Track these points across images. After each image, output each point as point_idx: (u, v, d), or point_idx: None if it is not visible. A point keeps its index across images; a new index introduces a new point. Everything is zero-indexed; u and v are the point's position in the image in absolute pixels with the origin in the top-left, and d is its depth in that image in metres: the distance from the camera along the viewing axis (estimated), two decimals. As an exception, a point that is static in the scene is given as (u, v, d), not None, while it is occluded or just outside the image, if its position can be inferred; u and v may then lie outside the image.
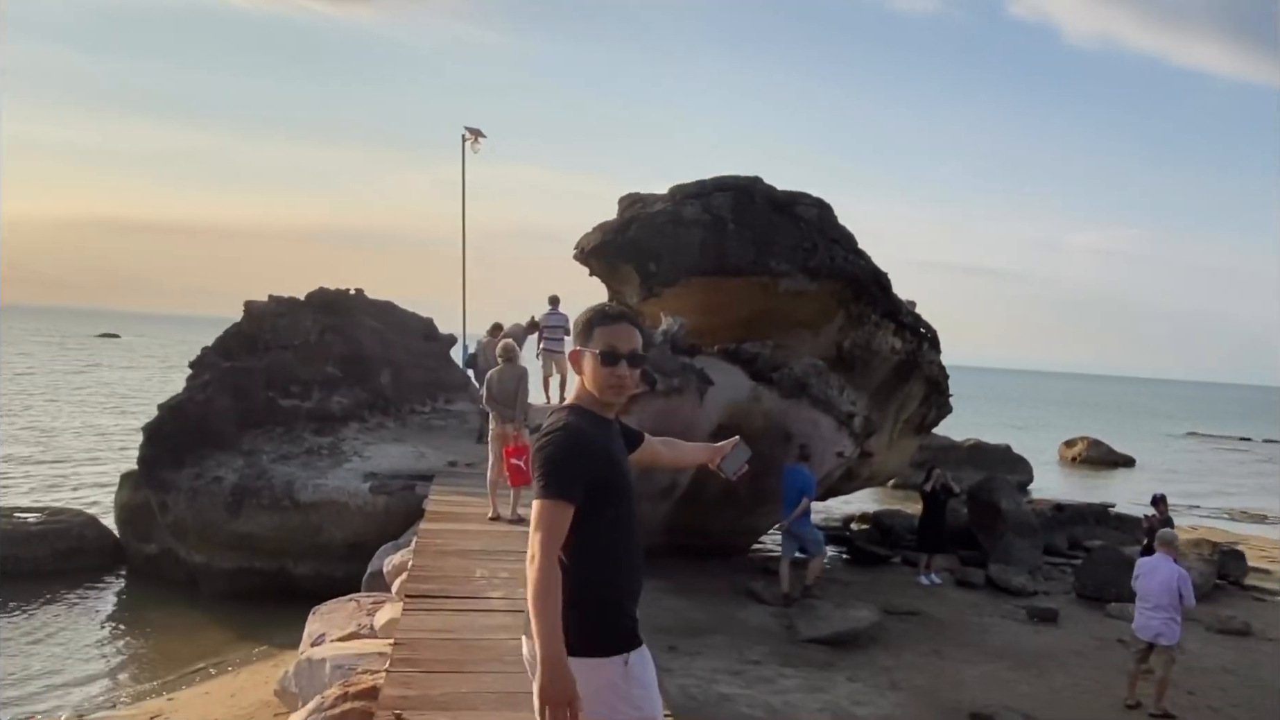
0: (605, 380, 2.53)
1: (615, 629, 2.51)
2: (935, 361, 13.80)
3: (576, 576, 2.42)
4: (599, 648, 2.45)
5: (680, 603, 10.90)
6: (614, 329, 2.54)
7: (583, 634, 2.40)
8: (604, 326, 2.55)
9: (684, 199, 11.02)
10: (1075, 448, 36.28)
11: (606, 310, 2.62)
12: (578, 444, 2.44)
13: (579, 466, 2.41)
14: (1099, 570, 12.98)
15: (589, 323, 2.58)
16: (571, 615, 2.37)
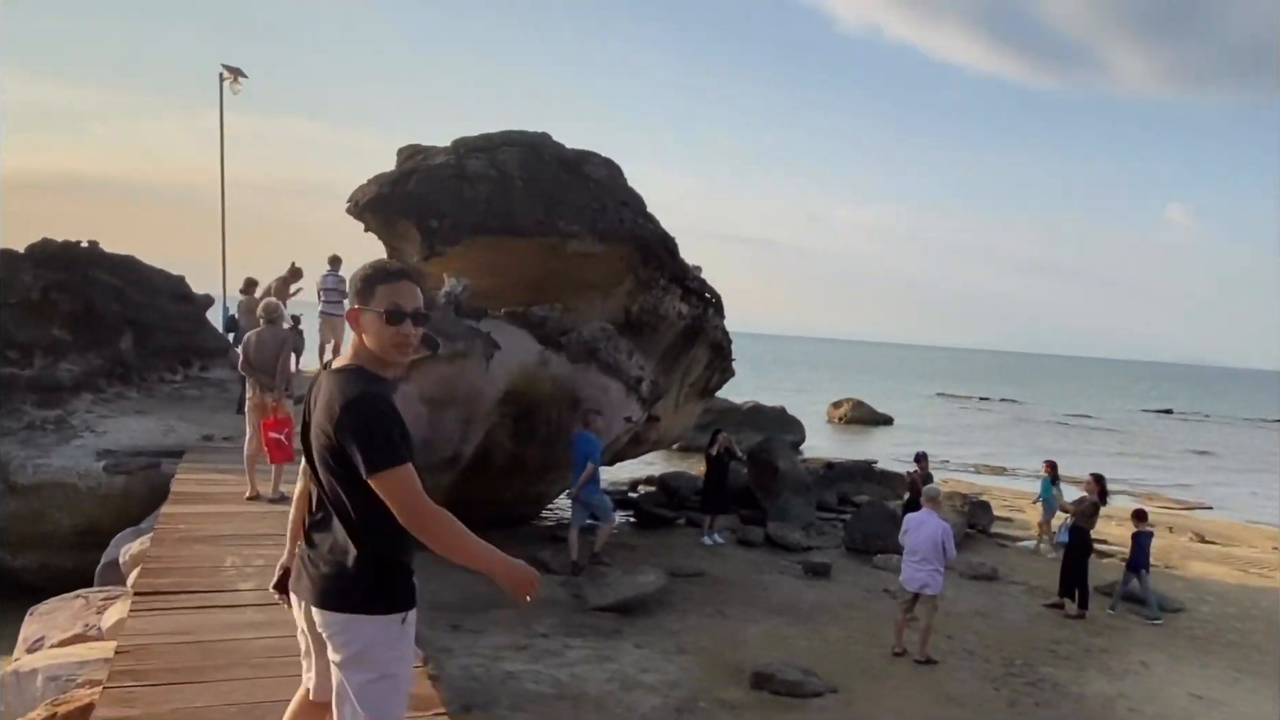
0: (390, 340, 2.52)
1: (400, 589, 2.59)
2: (719, 326, 14.00)
3: (371, 538, 2.52)
4: (384, 606, 2.55)
5: (464, 577, 10.30)
6: (396, 286, 2.52)
7: (370, 593, 2.52)
8: (386, 284, 2.52)
9: (468, 153, 10.40)
10: (841, 408, 38.76)
11: (388, 267, 2.59)
12: (390, 406, 2.48)
13: (399, 427, 2.46)
14: (866, 524, 13.73)
15: (369, 280, 2.54)
16: (361, 575, 2.50)
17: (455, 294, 10.11)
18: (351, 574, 2.50)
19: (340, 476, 2.49)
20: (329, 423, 2.45)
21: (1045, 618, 10.75)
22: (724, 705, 7.40)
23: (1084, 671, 8.90)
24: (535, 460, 11.78)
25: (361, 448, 2.40)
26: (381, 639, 2.54)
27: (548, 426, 11.54)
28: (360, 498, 2.47)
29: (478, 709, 6.85)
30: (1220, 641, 10.25)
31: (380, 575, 2.55)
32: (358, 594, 2.50)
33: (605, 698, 7.33)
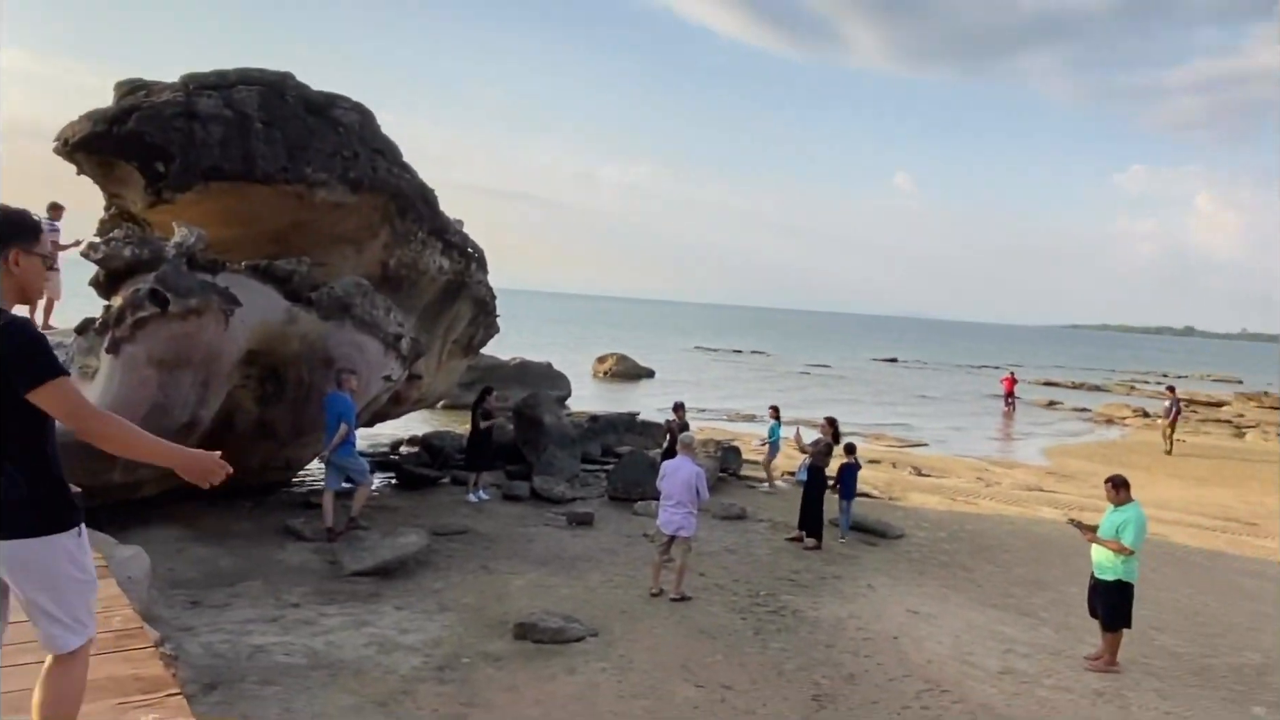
0: (39, 280, 2.86)
1: (71, 504, 2.76)
2: (483, 282, 13.81)
3: (42, 458, 2.68)
4: (60, 523, 2.70)
5: (205, 550, 9.77)
6: (48, 235, 2.91)
7: (47, 513, 2.68)
8: (45, 233, 2.88)
9: (200, 90, 9.47)
10: (606, 363, 39.66)
11: (32, 217, 2.86)
12: (35, 325, 2.76)
13: (48, 344, 2.67)
14: (627, 473, 14.20)
15: (33, 227, 2.84)
16: (35, 496, 2.64)
17: (187, 245, 9.26)
18: (31, 499, 2.64)
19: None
20: None
21: (787, 551, 11.65)
22: (487, 658, 7.44)
23: (819, 597, 9.75)
24: (284, 424, 11.14)
25: (23, 366, 2.55)
26: (54, 555, 2.68)
27: (298, 388, 10.93)
28: (21, 420, 2.61)
29: (223, 686, 6.48)
30: (933, 563, 11.57)
31: (52, 493, 2.70)
32: (35, 515, 2.64)
33: (363, 662, 7.16)
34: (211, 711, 6.07)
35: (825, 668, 7.75)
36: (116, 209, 10.81)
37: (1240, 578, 12.11)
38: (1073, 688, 7.75)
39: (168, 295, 8.79)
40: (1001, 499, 16.56)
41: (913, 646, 8.41)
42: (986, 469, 20.66)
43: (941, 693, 7.39)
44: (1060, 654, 8.56)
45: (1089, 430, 31.58)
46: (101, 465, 9.52)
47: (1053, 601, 10.21)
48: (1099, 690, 7.73)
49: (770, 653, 8.03)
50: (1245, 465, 23.92)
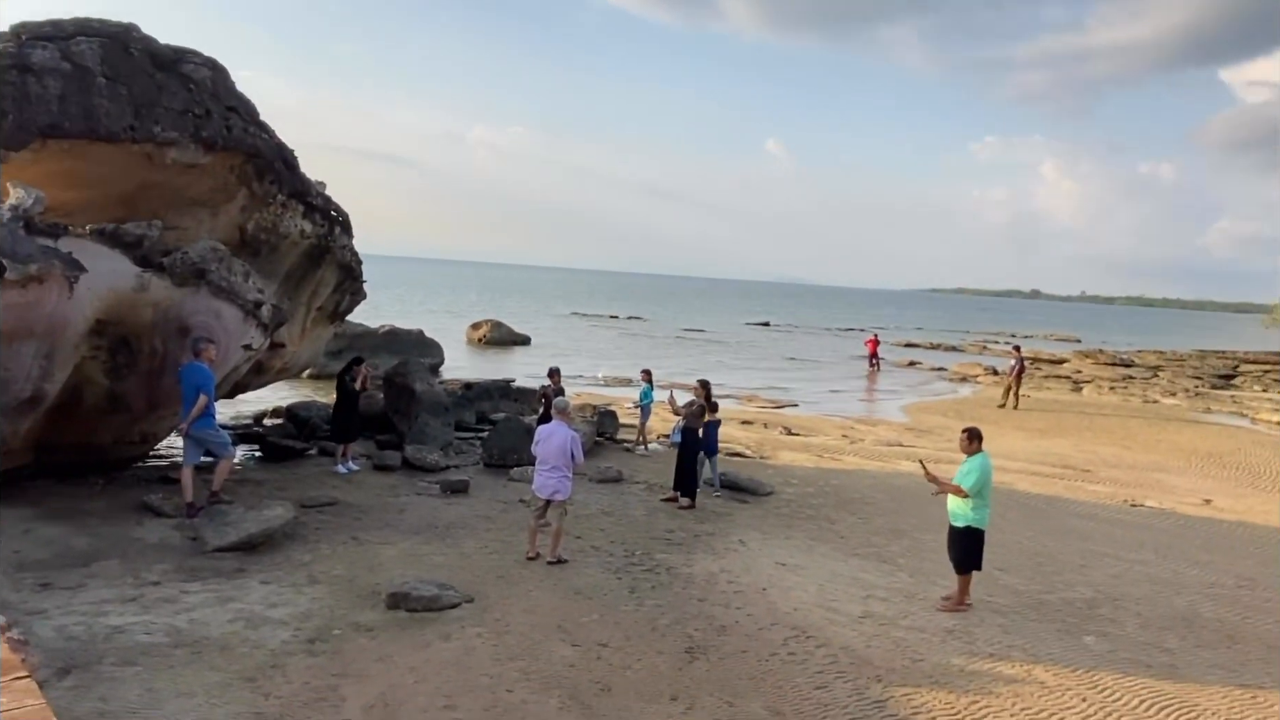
0: None
1: None
2: (348, 246, 13.40)
3: None
4: None
5: (55, 530, 9.25)
6: None
7: None
8: None
9: (32, 41, 8.76)
10: (480, 330, 39.19)
11: None
12: None
13: None
14: (503, 440, 14.18)
15: None
16: None
17: (24, 208, 8.63)
18: None
19: None
20: None
21: (662, 511, 11.93)
22: (359, 629, 7.37)
23: (693, 554, 10.05)
24: (137, 396, 10.60)
25: None
26: None
27: (151, 358, 10.40)
28: None
29: (78, 670, 6.20)
30: (801, 517, 12.08)
31: None
32: None
33: (229, 638, 6.98)
34: (67, 695, 5.82)
35: (698, 621, 8.02)
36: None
37: (1074, 520, 13.16)
38: (926, 627, 8.30)
39: (4, 262, 8.19)
40: (864, 455, 17.38)
41: (780, 596, 8.80)
42: (852, 427, 21.60)
43: (806, 638, 7.78)
44: (914, 596, 9.13)
45: (945, 388, 33.39)
46: (-69, 444, 8.87)
47: (909, 549, 10.85)
48: (949, 629, 8.31)
49: (645, 610, 8.25)
50: (1082, 417, 25.84)
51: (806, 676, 7.07)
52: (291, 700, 6.08)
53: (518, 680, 6.65)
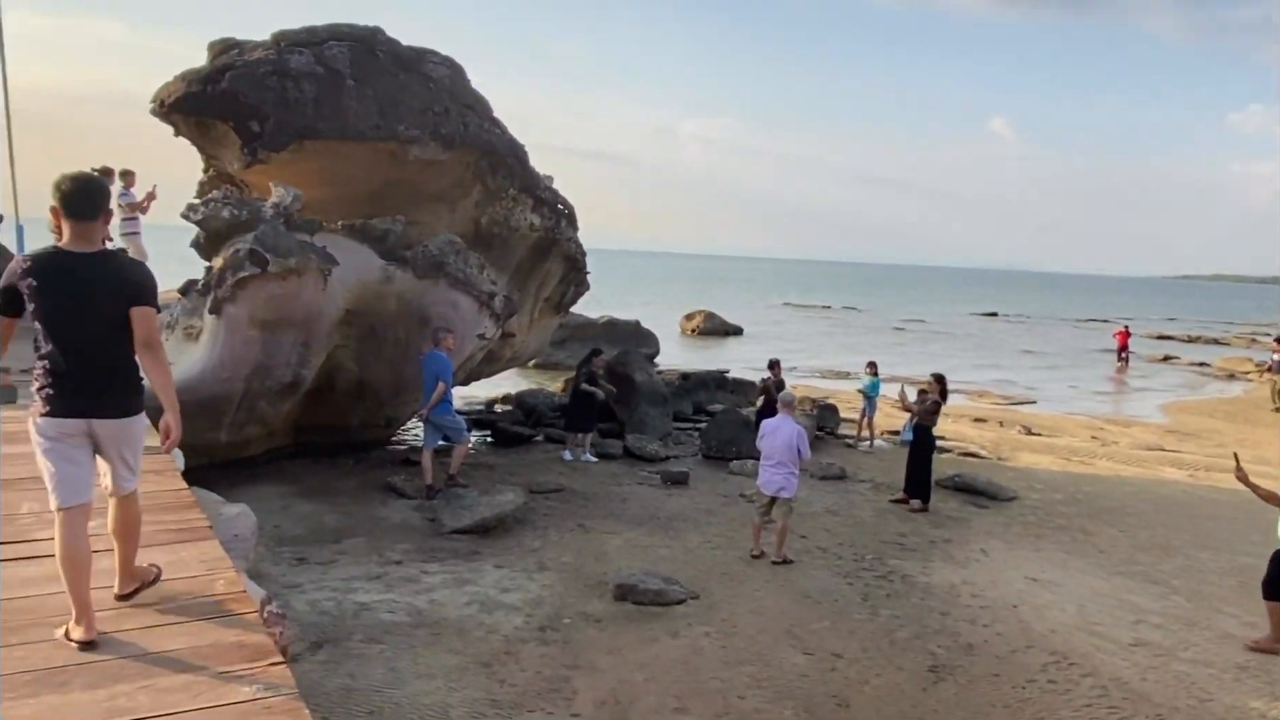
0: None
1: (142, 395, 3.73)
2: (573, 239, 13.59)
3: (135, 365, 3.64)
4: (141, 408, 3.71)
5: (309, 507, 9.91)
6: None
7: (138, 401, 3.68)
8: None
9: (291, 47, 9.40)
10: (693, 320, 39.26)
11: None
12: None
13: None
14: (721, 432, 13.92)
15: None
16: (135, 388, 3.66)
17: (284, 205, 9.27)
18: (134, 390, 3.68)
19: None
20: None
21: (891, 513, 11.22)
22: (588, 619, 7.31)
23: (930, 562, 9.33)
24: (383, 382, 11.21)
25: (149, 293, 3.66)
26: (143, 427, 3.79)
27: (395, 346, 10.95)
28: (127, 338, 3.56)
29: (329, 645, 6.49)
30: (1050, 526, 10.98)
31: (141, 389, 3.73)
32: (137, 403, 3.70)
33: (465, 621, 7.11)
34: (318, 670, 6.09)
35: (941, 637, 7.37)
36: (214, 170, 10.93)
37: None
38: (1213, 661, 7.20)
39: (267, 256, 8.82)
40: (1120, 459, 15.69)
41: (1034, 615, 7.95)
42: (1102, 428, 19.66)
43: (1069, 665, 6.95)
44: (1195, 625, 7.98)
45: (1209, 385, 29.88)
46: (206, 424, 9.73)
47: (1182, 569, 9.56)
48: (1242, 664, 7.17)
49: (880, 620, 7.70)
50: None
51: (1072, 710, 6.27)
52: (525, 689, 6.06)
53: (749, 687, 6.32)
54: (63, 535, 3.51)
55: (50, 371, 3.49)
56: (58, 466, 3.51)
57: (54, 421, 3.49)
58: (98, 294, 3.46)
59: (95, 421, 3.53)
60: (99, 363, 3.52)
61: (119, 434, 3.60)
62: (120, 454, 3.64)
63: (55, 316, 3.44)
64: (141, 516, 3.89)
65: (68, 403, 3.49)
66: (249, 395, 9.85)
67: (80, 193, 3.49)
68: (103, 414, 3.54)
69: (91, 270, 3.47)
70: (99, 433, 3.56)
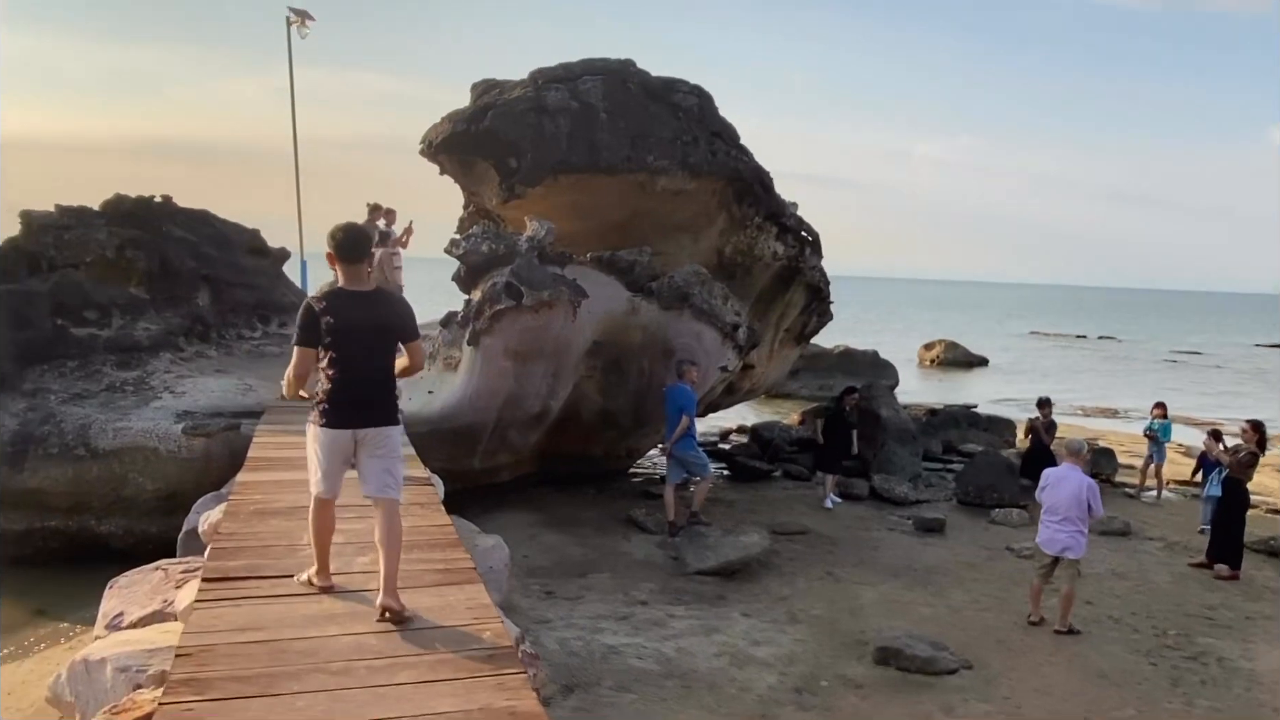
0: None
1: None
2: (817, 267, 13.03)
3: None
4: (398, 419, 4.45)
5: (555, 538, 9.93)
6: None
7: (396, 412, 4.40)
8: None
9: (547, 84, 9.59)
10: (933, 350, 37.24)
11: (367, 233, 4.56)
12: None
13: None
14: (980, 475, 12.78)
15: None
16: (395, 402, 4.37)
17: (538, 239, 9.40)
18: (394, 403, 4.36)
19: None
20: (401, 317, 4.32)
21: (1193, 579, 9.71)
22: (847, 684, 6.70)
23: (1251, 643, 7.91)
24: (626, 414, 11.14)
25: (410, 325, 4.37)
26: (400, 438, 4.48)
27: (639, 378, 10.85)
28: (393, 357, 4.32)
29: (580, 690, 6.29)
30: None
31: (397, 401, 4.44)
32: (396, 414, 4.38)
33: (716, 675, 6.70)
34: (570, 717, 5.88)
35: (1283, 741, 6.12)
36: (474, 206, 11.36)
37: None
38: None
39: (521, 289, 8.95)
40: None
41: (1405, 723, 6.46)
42: None
43: None
44: None
45: None
46: (462, 451, 10.00)
47: None
48: None
49: (1198, 713, 6.53)
50: None
51: None
52: (785, 762, 5.56)
53: (1045, 785, 5.47)
54: (316, 513, 4.33)
55: (331, 390, 4.13)
56: (322, 469, 4.23)
57: (328, 432, 4.16)
58: (372, 326, 4.15)
59: (359, 431, 4.17)
60: (368, 382, 4.17)
61: (380, 440, 4.20)
62: (380, 459, 4.22)
63: (339, 344, 4.09)
64: (402, 529, 4.31)
65: (341, 417, 4.14)
66: (500, 424, 10.04)
67: (349, 241, 4.18)
68: (366, 424, 4.17)
69: (366, 306, 4.16)
70: (362, 439, 4.18)
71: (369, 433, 4.17)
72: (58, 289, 10.35)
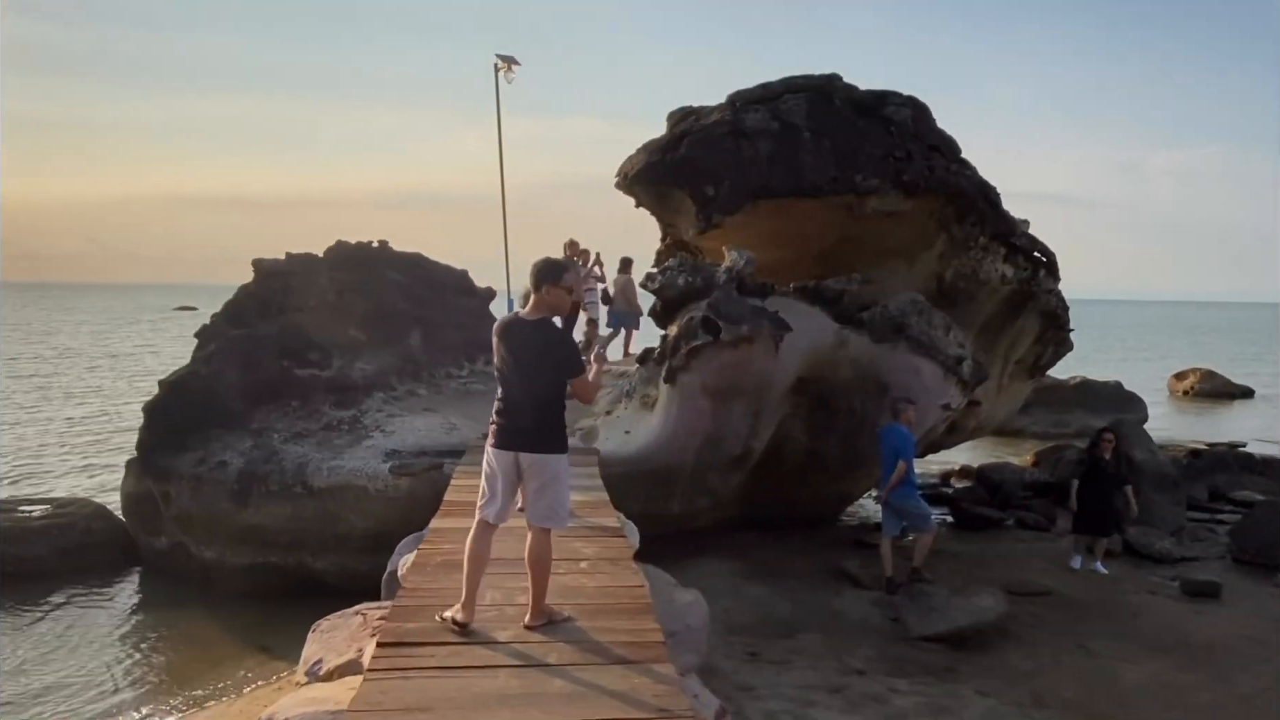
0: (564, 303, 4.50)
1: (565, 438, 4.53)
2: (1054, 291, 11.65)
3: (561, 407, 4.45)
4: (562, 448, 4.43)
5: (760, 590, 9.21)
6: (571, 274, 4.53)
7: (559, 441, 4.40)
8: (568, 273, 4.47)
9: (746, 105, 9.07)
10: (1186, 380, 33.27)
11: (565, 261, 4.66)
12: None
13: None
14: (1262, 530, 10.86)
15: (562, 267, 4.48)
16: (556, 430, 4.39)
17: (738, 270, 8.85)
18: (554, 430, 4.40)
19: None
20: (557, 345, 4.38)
21: None
22: (1114, 791, 5.55)
23: None
24: (834, 456, 10.29)
25: (567, 358, 4.39)
26: (564, 467, 4.44)
27: (849, 417, 9.99)
28: (558, 386, 4.35)
29: (789, 777, 5.56)
30: None
31: (563, 429, 4.48)
32: (557, 442, 4.40)
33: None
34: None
35: None
36: (671, 238, 10.99)
37: None
38: None
39: (719, 323, 8.41)
40: None
41: None
42: None
43: None
44: None
45: None
46: (660, 494, 9.54)
47: None
48: None
49: None
50: None
51: None
52: None
53: None
54: (474, 536, 4.40)
55: (497, 411, 4.35)
56: (488, 485, 4.39)
57: (493, 452, 4.34)
58: (529, 353, 4.26)
59: (522, 455, 4.25)
60: (526, 407, 4.25)
61: (540, 467, 4.23)
62: (538, 486, 4.25)
63: (502, 368, 4.37)
64: (551, 556, 4.39)
65: (504, 438, 4.30)
66: (699, 466, 9.52)
67: (531, 271, 4.34)
68: (526, 448, 4.25)
69: (526, 334, 4.30)
70: (526, 465, 4.26)
71: (531, 459, 4.24)
72: (284, 333, 10.89)
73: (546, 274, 4.28)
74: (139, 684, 8.01)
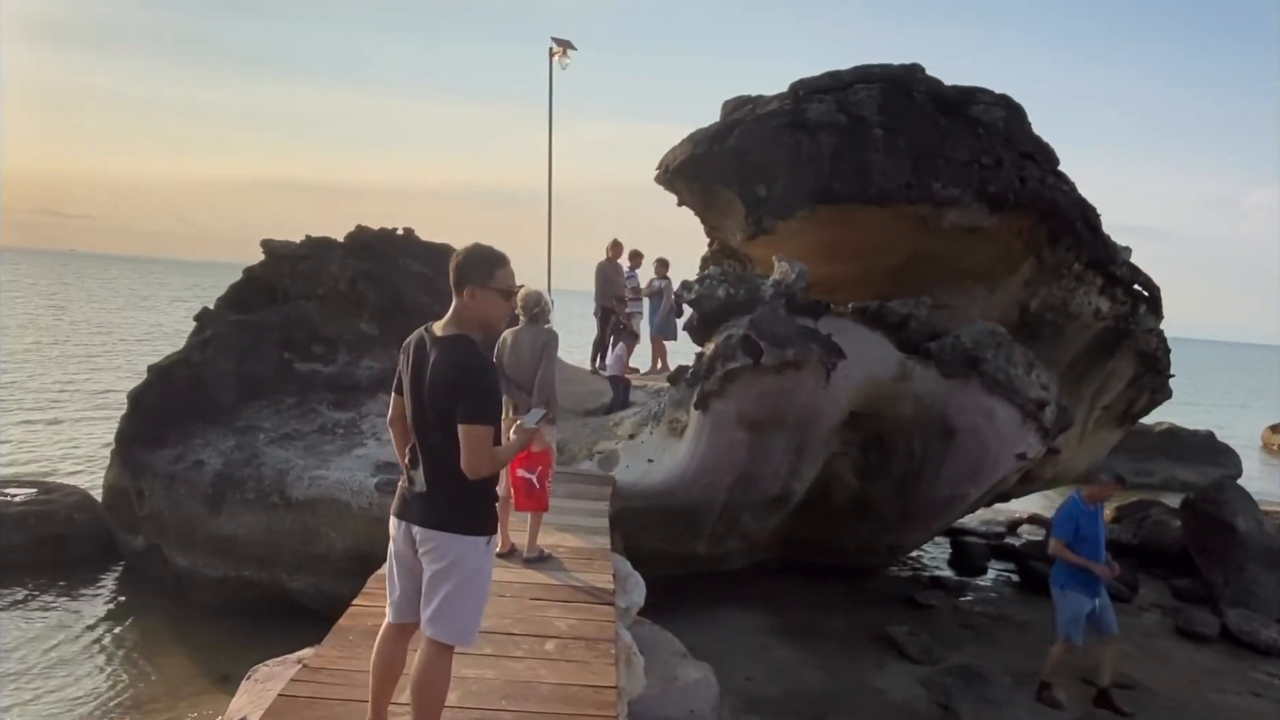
0: (496, 312, 3.10)
1: (487, 515, 3.15)
2: (1154, 330, 10.14)
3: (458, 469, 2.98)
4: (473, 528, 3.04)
5: (790, 654, 7.97)
6: (509, 270, 3.07)
7: (464, 517, 3.02)
8: (503, 268, 3.04)
9: (809, 94, 7.83)
10: (1283, 432, 30.78)
11: (500, 253, 3.10)
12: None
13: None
14: (1393, 625, 9.19)
15: (489, 261, 3.05)
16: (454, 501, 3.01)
17: (787, 284, 7.61)
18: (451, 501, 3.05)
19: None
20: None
21: None
22: None
23: None
24: (889, 503, 8.98)
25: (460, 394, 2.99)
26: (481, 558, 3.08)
27: (907, 460, 8.66)
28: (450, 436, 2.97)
29: None
30: None
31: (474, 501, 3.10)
32: (460, 518, 3.03)
33: None
34: None
35: None
36: (717, 244, 9.80)
37: None
38: None
39: (761, 344, 7.19)
40: None
41: None
42: None
43: None
44: None
45: None
46: (684, 533, 8.37)
47: None
48: None
49: None
50: None
51: None
52: None
53: None
54: (379, 639, 3.27)
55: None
56: (388, 569, 3.39)
57: (391, 521, 3.36)
58: (426, 389, 3.05)
59: (415, 529, 3.23)
60: (422, 461, 3.13)
61: (435, 551, 3.01)
62: (432, 576, 3.02)
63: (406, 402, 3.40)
64: (445, 684, 3.10)
65: (399, 502, 3.30)
66: (731, 506, 8.31)
67: (451, 266, 3.16)
68: (418, 521, 3.14)
69: (426, 359, 3.08)
70: (417, 542, 3.19)
71: (424, 535, 3.00)
72: (287, 322, 9.99)
73: (471, 270, 2.98)
74: (73, 705, 7.11)
